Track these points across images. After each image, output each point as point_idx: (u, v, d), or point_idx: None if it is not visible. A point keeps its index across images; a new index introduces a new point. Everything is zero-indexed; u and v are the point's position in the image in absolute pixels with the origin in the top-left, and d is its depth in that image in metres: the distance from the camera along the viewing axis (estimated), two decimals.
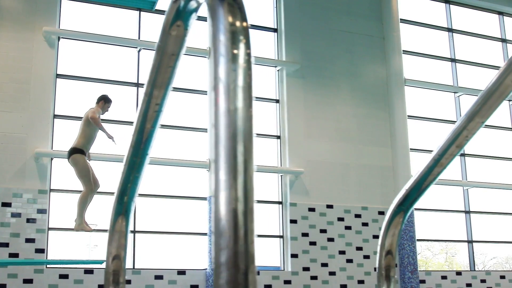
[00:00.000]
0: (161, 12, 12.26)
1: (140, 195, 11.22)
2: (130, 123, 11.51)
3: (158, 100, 1.02)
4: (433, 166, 1.22)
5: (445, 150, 1.19)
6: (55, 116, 10.97)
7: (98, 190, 11.06)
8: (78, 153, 8.18)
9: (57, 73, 11.12)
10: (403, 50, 13.69)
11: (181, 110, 11.96)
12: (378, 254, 1.33)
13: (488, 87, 1.10)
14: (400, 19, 13.90)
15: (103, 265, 10.23)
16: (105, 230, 7.76)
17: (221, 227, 0.56)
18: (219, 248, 0.56)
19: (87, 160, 8.36)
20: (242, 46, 0.63)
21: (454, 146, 1.17)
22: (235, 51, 0.62)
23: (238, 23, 0.63)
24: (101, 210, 11.13)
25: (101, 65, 11.59)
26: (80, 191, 10.97)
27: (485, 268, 14.63)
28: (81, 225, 8.17)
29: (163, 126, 11.68)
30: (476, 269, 14.07)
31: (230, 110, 0.59)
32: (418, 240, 12.89)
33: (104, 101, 8.66)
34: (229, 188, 0.57)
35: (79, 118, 11.21)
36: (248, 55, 0.62)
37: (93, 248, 14.29)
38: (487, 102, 1.10)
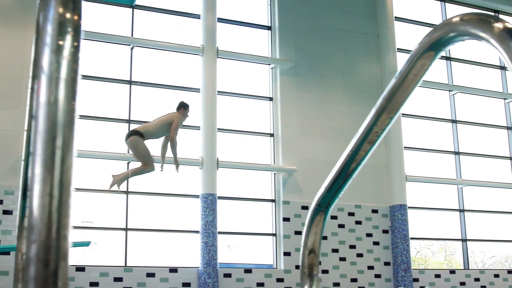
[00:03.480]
0: (151, 8, 12.25)
1: (132, 192, 11.21)
2: (123, 120, 11.50)
3: None
4: (349, 162, 1.21)
5: (359, 147, 1.18)
6: None
7: (92, 188, 11.08)
8: (137, 135, 7.72)
9: None
10: (397, 48, 13.67)
11: (173, 108, 11.93)
12: (301, 253, 1.32)
13: (393, 82, 1.09)
14: (395, 17, 13.88)
15: (90, 247, 10.18)
16: (102, 228, 7.71)
17: (33, 221, 0.55)
18: (29, 242, 0.55)
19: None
20: (69, 38, 0.62)
21: (366, 142, 1.16)
22: (61, 42, 0.61)
23: (68, 15, 0.62)
24: (98, 209, 11.14)
25: (93, 63, 11.58)
26: (76, 189, 10.98)
27: (484, 266, 14.60)
28: (117, 180, 7.71)
29: None
30: (476, 267, 14.06)
31: (50, 102, 0.58)
32: (411, 238, 12.87)
33: (183, 108, 8.22)
34: (43, 182, 0.56)
35: None
36: (75, 47, 0.61)
37: (92, 246, 14.26)
38: (394, 97, 1.09)
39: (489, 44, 0.86)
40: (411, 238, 12.87)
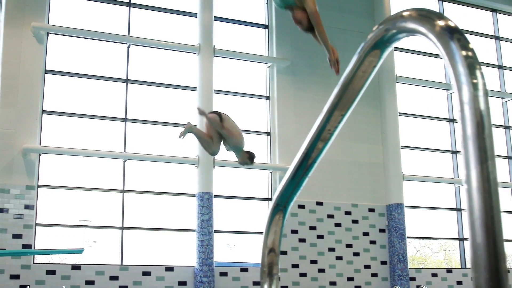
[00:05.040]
0: (148, 7, 12.24)
1: (128, 191, 11.20)
2: (120, 119, 11.49)
3: None
4: (304, 161, 1.20)
5: (313, 145, 1.17)
6: (44, 112, 10.96)
7: (91, 187, 11.06)
8: (218, 116, 7.15)
9: (46, 68, 11.11)
10: (394, 47, 13.63)
11: (169, 106, 11.94)
12: (261, 252, 1.32)
13: (343, 80, 1.08)
14: None
15: (83, 254, 10.19)
16: (98, 226, 7.62)
17: None
18: None
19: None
20: None
21: (319, 140, 1.15)
22: None
23: None
24: (94, 207, 11.14)
25: (90, 61, 11.57)
26: (69, 187, 10.99)
27: None
28: (187, 128, 7.23)
29: (151, 122, 11.68)
30: (469, 266, 14.02)
31: None
32: (408, 237, 12.86)
33: (249, 156, 7.42)
34: None
35: (67, 114, 11.24)
36: None
37: (92, 244, 14.27)
38: (344, 95, 1.08)
39: (428, 39, 0.86)
40: (408, 237, 12.86)
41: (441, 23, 0.85)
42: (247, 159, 7.37)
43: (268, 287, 1.27)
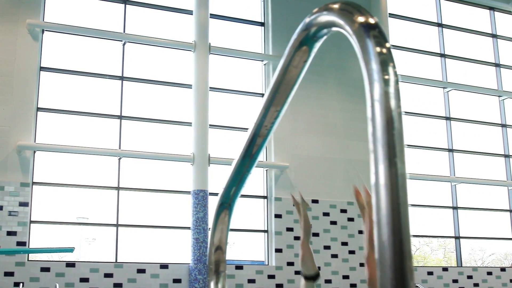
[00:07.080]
0: (144, 4, 12.23)
1: (123, 188, 11.20)
2: (115, 116, 11.49)
3: None
4: (245, 158, 1.19)
5: (252, 142, 1.16)
6: (38, 109, 10.96)
7: (86, 184, 11.06)
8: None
9: (41, 66, 11.11)
10: (392, 45, 13.59)
11: (164, 104, 11.93)
12: (208, 250, 1.31)
13: (276, 76, 1.07)
14: (389, 13, 13.81)
15: (74, 253, 10.18)
16: (93, 224, 7.65)
17: None
18: None
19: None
20: None
21: (258, 137, 1.14)
22: None
23: None
24: (91, 204, 11.14)
25: (85, 58, 11.56)
26: (64, 185, 11.00)
27: (484, 264, 14.57)
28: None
29: (147, 120, 11.67)
30: (475, 265, 14.02)
31: None
32: None
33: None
34: None
35: (62, 112, 11.25)
36: None
37: (91, 241, 14.27)
38: (278, 91, 1.07)
39: (346, 33, 0.84)
40: None
41: (360, 18, 0.83)
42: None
43: (215, 285, 1.27)
